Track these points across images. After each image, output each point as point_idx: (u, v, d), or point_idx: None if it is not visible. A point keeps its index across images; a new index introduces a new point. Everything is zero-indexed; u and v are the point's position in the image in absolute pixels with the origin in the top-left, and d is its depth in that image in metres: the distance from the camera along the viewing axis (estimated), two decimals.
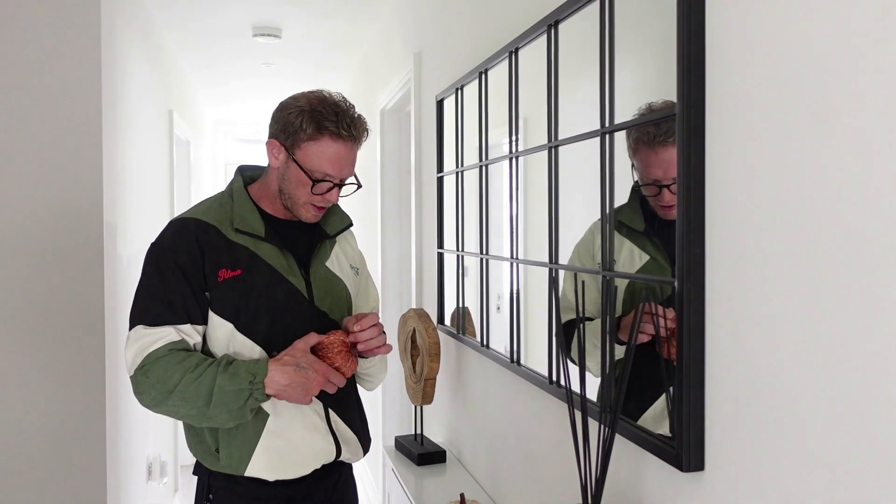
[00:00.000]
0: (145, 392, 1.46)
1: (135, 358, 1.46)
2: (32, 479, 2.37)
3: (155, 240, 1.56)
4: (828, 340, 0.80)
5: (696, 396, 1.03)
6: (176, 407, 1.45)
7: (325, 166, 1.55)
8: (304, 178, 1.55)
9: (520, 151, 1.73)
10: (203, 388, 1.43)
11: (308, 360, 1.50)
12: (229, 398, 1.44)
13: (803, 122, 0.83)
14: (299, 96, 1.58)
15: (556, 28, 1.49)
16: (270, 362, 1.48)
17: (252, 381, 1.45)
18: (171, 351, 1.46)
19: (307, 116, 1.53)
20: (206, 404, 1.43)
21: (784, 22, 0.86)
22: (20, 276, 2.36)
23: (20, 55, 2.35)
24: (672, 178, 1.07)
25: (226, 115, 7.00)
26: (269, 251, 1.58)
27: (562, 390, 1.49)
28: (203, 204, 1.63)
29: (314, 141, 1.53)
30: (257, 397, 1.46)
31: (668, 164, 1.10)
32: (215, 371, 1.45)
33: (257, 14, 3.68)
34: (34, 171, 2.36)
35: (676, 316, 1.04)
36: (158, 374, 1.44)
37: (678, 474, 1.09)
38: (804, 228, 0.83)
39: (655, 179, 1.15)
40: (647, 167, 1.18)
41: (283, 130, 1.56)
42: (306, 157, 1.54)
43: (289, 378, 1.47)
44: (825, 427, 0.80)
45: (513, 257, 1.78)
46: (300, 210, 1.60)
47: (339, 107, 1.55)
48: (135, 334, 1.48)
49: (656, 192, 1.15)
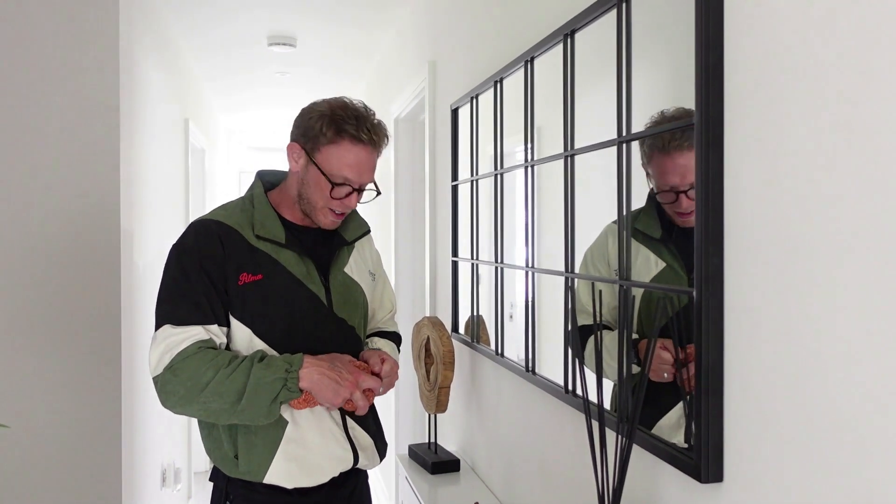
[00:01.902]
0: (173, 391, 1.45)
1: (161, 358, 1.46)
2: (49, 486, 2.39)
3: (177, 240, 1.56)
4: (849, 350, 0.79)
5: (714, 406, 1.02)
6: (206, 403, 1.44)
7: (344, 170, 1.56)
8: (323, 181, 1.56)
9: (535, 160, 1.73)
10: (238, 382, 1.43)
11: (343, 363, 1.53)
12: (263, 389, 1.44)
13: (823, 130, 0.83)
14: (321, 102, 1.60)
15: (572, 37, 1.49)
16: (306, 357, 1.50)
17: (288, 369, 1.46)
18: (201, 349, 1.46)
19: (327, 120, 1.54)
20: (238, 399, 1.43)
21: (803, 29, 0.86)
22: (38, 284, 2.38)
23: (38, 65, 2.38)
24: (690, 183, 1.07)
25: (240, 123, 7.05)
26: (290, 258, 1.58)
27: (577, 399, 1.48)
28: (224, 207, 1.63)
29: (334, 144, 1.55)
30: (290, 387, 1.46)
31: (685, 169, 1.09)
32: (250, 364, 1.46)
33: (273, 24, 3.71)
34: (53, 179, 2.39)
35: (695, 324, 1.04)
36: (189, 372, 1.43)
37: (696, 485, 1.08)
38: (824, 237, 0.83)
39: (672, 186, 1.14)
40: (664, 174, 1.18)
41: (303, 134, 1.58)
42: (326, 160, 1.55)
43: (323, 373, 1.48)
44: (847, 438, 0.80)
45: (528, 266, 1.78)
46: (318, 215, 1.61)
47: (359, 112, 1.57)
48: (161, 334, 1.47)
49: (673, 198, 1.14)
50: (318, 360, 1.50)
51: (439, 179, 2.91)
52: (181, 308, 1.49)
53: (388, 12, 3.52)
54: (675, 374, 1.12)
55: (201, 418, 1.51)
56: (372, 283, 1.77)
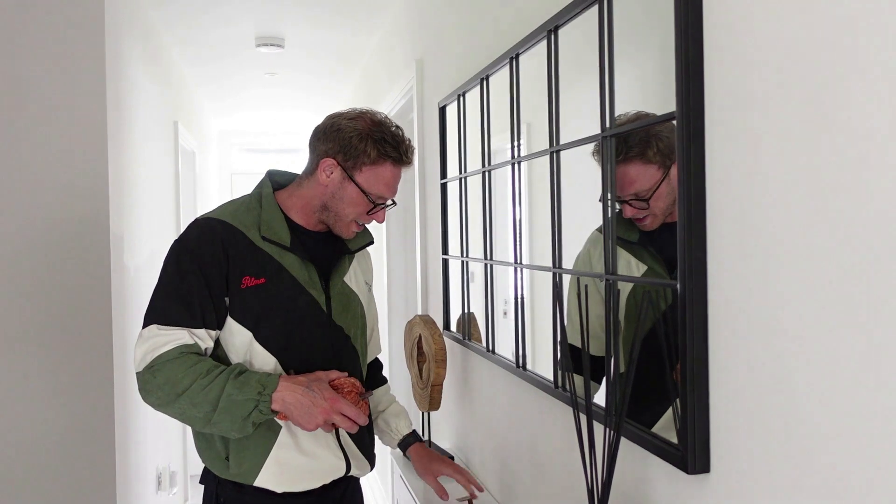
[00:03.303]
0: (152, 392, 1.47)
1: (144, 356, 1.46)
2: (42, 491, 2.38)
3: (179, 237, 1.55)
4: (832, 341, 0.80)
5: (700, 398, 1.03)
6: (182, 409, 1.45)
7: (382, 189, 1.60)
8: (361, 199, 1.59)
9: (522, 156, 1.73)
10: (212, 394, 1.43)
11: (320, 387, 1.48)
12: (236, 407, 1.43)
13: (803, 124, 0.83)
14: (354, 117, 1.60)
15: (555, 33, 1.50)
16: (282, 378, 1.47)
17: (261, 392, 1.44)
18: (182, 354, 1.46)
19: (370, 142, 1.57)
20: (213, 410, 1.43)
21: (782, 24, 0.87)
22: (28, 288, 2.37)
23: (25, 68, 2.37)
24: (630, 194, 1.15)
25: (231, 125, 7.03)
26: (293, 262, 1.58)
27: (567, 394, 1.49)
28: (230, 205, 1.62)
29: (377, 165, 1.58)
30: (262, 410, 1.44)
31: (623, 181, 1.18)
32: (226, 378, 1.44)
33: (260, 25, 3.71)
34: (42, 183, 2.38)
35: (679, 317, 1.05)
36: (167, 377, 1.44)
37: (684, 476, 1.09)
38: (806, 229, 0.83)
39: (617, 196, 1.21)
40: (616, 181, 1.23)
41: (342, 151, 1.58)
42: (367, 180, 1.58)
43: (296, 398, 1.45)
44: (831, 428, 0.80)
45: (517, 262, 1.79)
46: (343, 227, 1.62)
47: (395, 133, 1.61)
48: (147, 332, 1.48)
49: (618, 207, 1.21)
50: (293, 384, 1.46)
51: (428, 177, 2.92)
52: (171, 309, 1.48)
53: (376, 11, 3.52)
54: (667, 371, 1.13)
55: (180, 421, 1.52)
56: (368, 293, 1.78)
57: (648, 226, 1.13)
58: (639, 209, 1.15)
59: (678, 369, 1.06)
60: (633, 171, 1.16)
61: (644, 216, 1.13)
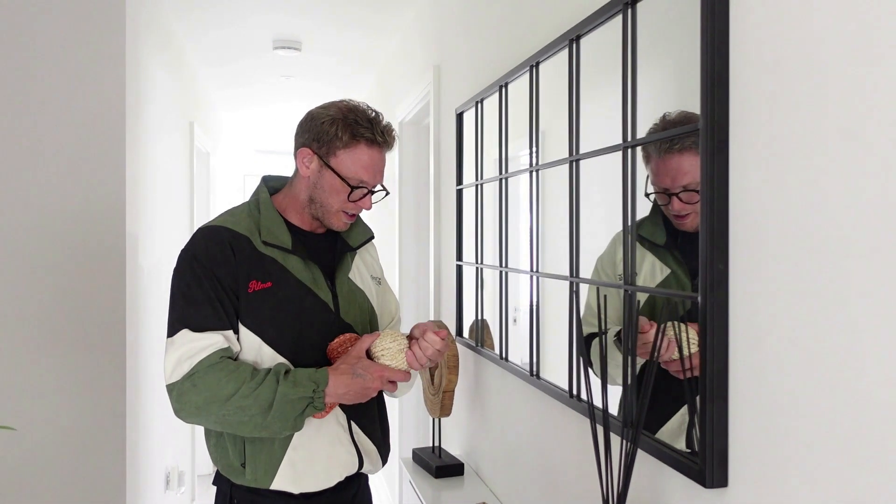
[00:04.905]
0: (190, 401, 1.43)
1: (178, 364, 1.44)
2: (53, 488, 2.39)
3: (186, 247, 1.55)
4: (854, 356, 0.79)
5: (719, 411, 1.02)
6: (225, 415, 1.43)
7: (360, 173, 1.58)
8: (339, 185, 1.57)
9: (541, 165, 1.73)
10: (263, 398, 1.43)
11: (364, 366, 1.52)
12: (289, 407, 1.44)
13: (829, 135, 0.83)
14: (328, 105, 1.61)
15: (577, 42, 1.50)
16: (329, 370, 1.50)
17: (315, 389, 1.46)
18: (223, 359, 1.45)
19: (341, 124, 1.56)
20: (265, 413, 1.43)
21: (809, 35, 0.86)
22: (43, 286, 2.39)
23: (44, 68, 2.39)
24: (681, 185, 1.09)
25: (245, 126, 7.06)
26: (296, 264, 1.58)
27: (582, 404, 1.48)
28: (231, 213, 1.63)
29: (350, 148, 1.56)
30: (317, 405, 1.47)
31: (677, 172, 1.11)
32: (275, 379, 1.45)
33: (278, 27, 3.72)
34: (59, 182, 2.40)
35: (700, 330, 1.04)
36: (209, 383, 1.42)
37: (701, 490, 1.08)
38: (830, 243, 0.83)
39: (665, 188, 1.16)
40: (657, 175, 1.20)
41: (315, 139, 1.58)
42: (342, 164, 1.57)
43: (346, 386, 1.50)
44: (852, 443, 0.79)
45: (533, 270, 1.78)
46: (332, 218, 1.61)
47: (369, 114, 1.59)
48: (180, 338, 1.45)
49: (666, 200, 1.16)
50: (340, 374, 1.50)
51: (444, 183, 2.92)
52: (200, 314, 1.47)
53: (394, 16, 3.53)
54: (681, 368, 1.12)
55: (215, 429, 1.51)
56: (377, 287, 1.77)
57: (689, 225, 1.09)
58: (688, 202, 1.11)
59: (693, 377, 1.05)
60: (686, 162, 1.11)
61: (688, 213, 1.10)
